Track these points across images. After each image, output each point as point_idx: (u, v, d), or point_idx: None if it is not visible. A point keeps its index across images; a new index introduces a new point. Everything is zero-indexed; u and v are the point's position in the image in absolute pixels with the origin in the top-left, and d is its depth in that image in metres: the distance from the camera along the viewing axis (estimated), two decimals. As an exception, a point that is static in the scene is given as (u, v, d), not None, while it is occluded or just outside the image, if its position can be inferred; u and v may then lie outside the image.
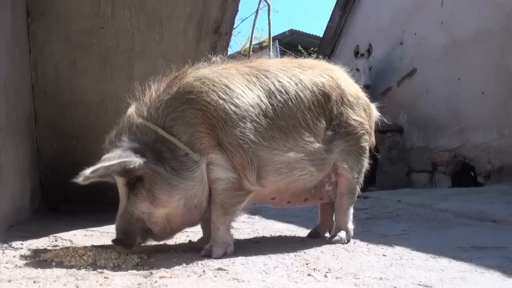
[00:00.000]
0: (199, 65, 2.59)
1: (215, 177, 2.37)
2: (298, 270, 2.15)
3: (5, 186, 2.87)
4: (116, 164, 2.17)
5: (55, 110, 3.84)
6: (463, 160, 7.36)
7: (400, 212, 4.33)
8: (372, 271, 2.15)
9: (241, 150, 2.37)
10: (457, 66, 7.43)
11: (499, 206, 4.26)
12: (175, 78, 2.47)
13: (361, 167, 2.85)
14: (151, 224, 2.33)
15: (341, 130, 2.72)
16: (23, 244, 2.62)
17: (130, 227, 2.31)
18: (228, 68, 2.55)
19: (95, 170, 2.15)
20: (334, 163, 2.74)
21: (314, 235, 3.02)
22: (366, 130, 2.85)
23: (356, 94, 2.88)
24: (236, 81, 2.45)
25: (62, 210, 4.00)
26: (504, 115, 6.56)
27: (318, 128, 2.64)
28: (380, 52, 9.39)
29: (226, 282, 1.91)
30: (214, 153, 2.35)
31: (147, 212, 2.30)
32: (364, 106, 2.90)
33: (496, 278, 2.08)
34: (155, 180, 2.26)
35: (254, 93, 2.47)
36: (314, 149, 2.61)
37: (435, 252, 2.56)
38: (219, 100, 2.37)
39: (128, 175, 2.26)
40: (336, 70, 2.90)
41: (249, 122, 2.40)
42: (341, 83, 2.79)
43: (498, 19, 6.71)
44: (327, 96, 2.69)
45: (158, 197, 2.27)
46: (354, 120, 2.77)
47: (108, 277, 1.93)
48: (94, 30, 3.56)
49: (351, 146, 2.76)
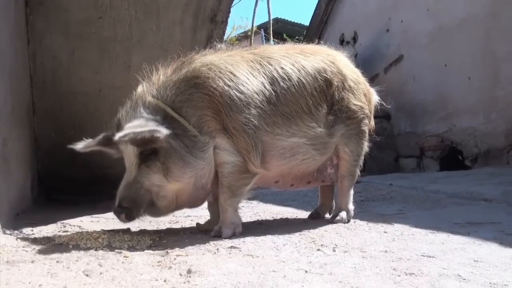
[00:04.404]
0: (205, 51, 2.65)
1: (221, 161, 2.44)
2: (307, 246, 2.24)
3: (12, 175, 2.92)
4: (146, 132, 2.22)
5: (54, 100, 3.87)
6: (450, 145, 7.52)
7: (393, 194, 4.44)
8: (376, 246, 2.26)
9: (246, 135, 2.45)
10: (444, 52, 7.57)
11: (489, 187, 4.39)
12: (183, 63, 2.54)
13: (361, 150, 2.95)
14: (159, 197, 2.36)
15: (342, 115, 2.81)
16: (33, 230, 2.68)
17: (138, 197, 2.33)
18: (233, 55, 2.62)
19: (125, 135, 2.21)
20: (336, 147, 2.83)
21: (315, 216, 3.12)
22: (366, 114, 2.94)
23: (357, 79, 2.97)
24: (241, 68, 2.53)
25: (60, 200, 4.05)
26: (490, 99, 6.72)
27: (320, 113, 2.72)
28: (366, 39, 9.50)
29: (241, 258, 2.00)
30: (220, 137, 2.43)
31: (158, 185, 2.34)
32: (364, 91, 2.99)
33: (493, 248, 2.20)
34: (170, 155, 2.31)
35: (258, 80, 2.54)
36: (316, 133, 2.69)
37: (434, 228, 2.68)
38: (225, 87, 2.44)
39: (145, 146, 2.30)
40: (337, 55, 2.98)
41: (253, 108, 2.48)
42: (342, 69, 2.87)
43: (484, 5, 6.85)
44: (329, 82, 2.77)
45: (172, 171, 2.32)
46: (355, 104, 2.86)
47: (128, 256, 2.00)
48: (92, 20, 3.58)
49: (352, 130, 2.85)
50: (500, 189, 4.20)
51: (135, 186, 2.33)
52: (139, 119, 2.31)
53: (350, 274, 1.78)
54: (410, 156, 8.43)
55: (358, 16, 9.92)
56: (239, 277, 1.71)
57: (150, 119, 2.32)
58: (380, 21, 9.24)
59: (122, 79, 3.76)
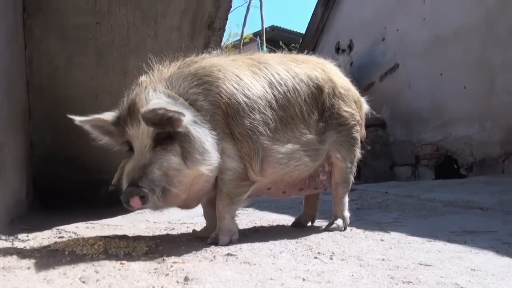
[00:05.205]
0: (209, 55, 2.65)
1: (224, 167, 2.41)
2: (304, 254, 2.24)
3: (8, 180, 2.91)
4: (175, 111, 2.16)
5: (50, 105, 3.85)
6: (445, 153, 7.54)
7: (389, 202, 4.45)
8: (373, 254, 2.25)
9: (250, 140, 2.44)
10: (439, 61, 7.60)
11: (484, 195, 4.41)
12: (189, 62, 2.52)
13: (354, 157, 2.96)
14: (175, 182, 2.20)
15: (333, 121, 2.84)
16: (28, 236, 2.67)
17: (154, 179, 2.14)
18: (235, 59, 2.64)
19: (156, 109, 2.13)
20: (327, 153, 2.84)
21: (298, 225, 3.12)
22: (357, 121, 2.97)
23: (347, 86, 3.01)
24: (244, 73, 2.54)
25: (55, 205, 4.03)
26: (485, 108, 6.74)
27: (311, 119, 2.75)
28: (362, 47, 9.54)
29: (238, 265, 1.99)
30: (226, 141, 2.41)
31: (177, 168, 2.21)
32: (354, 98, 3.02)
33: (490, 257, 2.21)
34: (189, 140, 2.24)
35: (260, 84, 2.56)
36: (308, 140, 2.71)
37: (430, 236, 2.68)
38: (234, 90, 2.44)
39: (163, 127, 2.21)
40: (327, 64, 3.03)
41: (257, 113, 2.48)
42: (332, 76, 2.91)
43: (479, 15, 6.89)
44: (320, 88, 2.81)
45: (193, 155, 2.23)
46: (345, 111, 2.89)
47: (124, 263, 1.99)
48: (90, 25, 3.57)
49: (343, 137, 2.88)
50: (496, 197, 4.21)
51: (151, 167, 2.17)
52: (163, 99, 2.25)
53: (348, 282, 1.78)
54: (405, 164, 8.44)
55: (354, 24, 9.96)
56: (236, 285, 1.70)
57: (171, 102, 2.26)
58: (376, 29, 9.28)
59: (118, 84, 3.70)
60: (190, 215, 3.63)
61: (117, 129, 2.33)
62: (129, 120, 2.28)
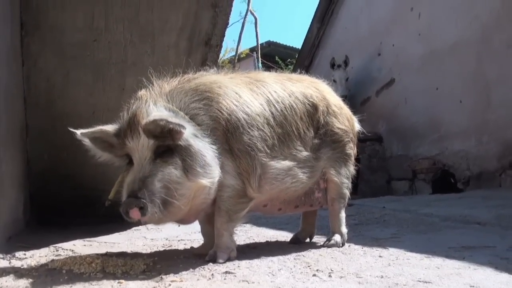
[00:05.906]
0: (206, 72, 2.67)
1: (223, 183, 2.41)
2: (302, 271, 2.22)
3: (5, 198, 2.90)
4: (176, 124, 2.16)
5: (47, 121, 3.86)
6: (442, 167, 7.55)
7: (386, 217, 4.44)
8: (372, 271, 2.24)
9: (248, 157, 2.45)
10: (435, 76, 7.64)
11: (482, 210, 4.41)
12: (188, 78, 2.54)
13: (349, 172, 3.00)
14: (176, 195, 2.18)
15: (327, 138, 2.87)
16: (26, 254, 2.65)
17: (154, 191, 2.14)
18: (234, 77, 2.67)
19: (158, 120, 2.14)
20: (322, 170, 2.87)
21: (295, 241, 3.13)
22: (351, 138, 3.02)
23: (340, 104, 3.07)
24: (243, 90, 2.57)
25: (52, 222, 4.01)
26: (482, 122, 6.77)
27: (307, 136, 2.78)
28: (358, 63, 9.61)
29: (237, 283, 1.98)
30: (224, 157, 2.40)
31: (178, 181, 2.20)
32: (347, 116, 3.08)
33: (489, 273, 2.20)
34: (190, 153, 2.24)
35: (258, 102, 2.58)
36: (304, 157, 2.74)
37: (428, 252, 2.67)
38: (234, 106, 2.46)
39: (163, 140, 2.22)
40: (320, 83, 3.09)
41: (256, 130, 2.50)
42: (326, 95, 2.97)
43: (475, 30, 6.94)
44: (315, 106, 2.85)
45: (194, 168, 2.23)
46: (339, 128, 2.93)
47: (122, 282, 1.98)
48: (87, 42, 3.59)
49: (338, 153, 2.91)
50: (493, 212, 4.21)
51: (150, 179, 2.16)
52: (164, 112, 2.26)
53: (347, 300, 1.77)
54: (402, 178, 8.45)
55: (350, 40, 10.04)
56: (235, 304, 1.69)
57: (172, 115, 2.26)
58: (371, 45, 9.36)
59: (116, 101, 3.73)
60: (188, 231, 3.62)
61: (118, 141, 2.33)
62: (129, 132, 2.28)
